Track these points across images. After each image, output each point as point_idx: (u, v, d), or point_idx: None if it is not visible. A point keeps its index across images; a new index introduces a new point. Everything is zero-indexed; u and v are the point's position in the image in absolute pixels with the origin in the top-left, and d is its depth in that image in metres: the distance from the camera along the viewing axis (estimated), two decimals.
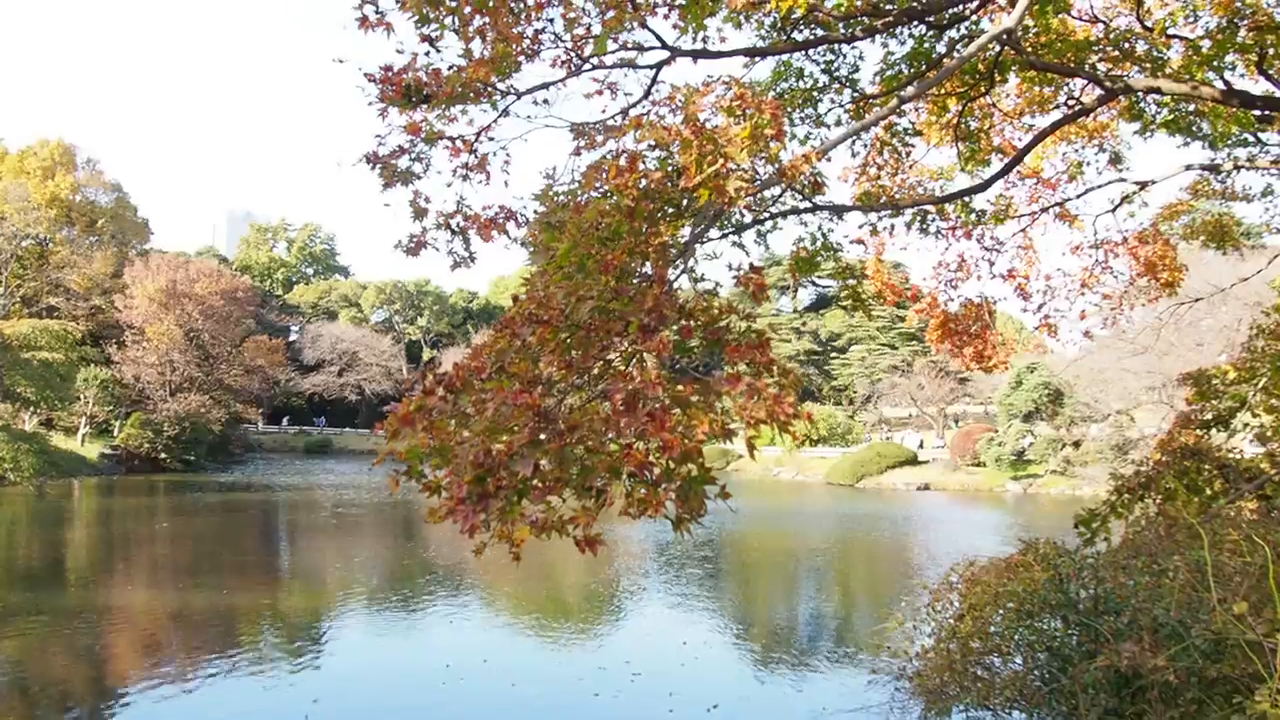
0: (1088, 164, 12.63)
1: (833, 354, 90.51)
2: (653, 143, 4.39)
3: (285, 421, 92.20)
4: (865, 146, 11.40)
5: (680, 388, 3.82)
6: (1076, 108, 10.96)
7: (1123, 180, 12.50)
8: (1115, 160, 12.46)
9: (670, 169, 4.24)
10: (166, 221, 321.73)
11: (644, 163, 4.35)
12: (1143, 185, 12.49)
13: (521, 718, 10.47)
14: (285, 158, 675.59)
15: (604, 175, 4.32)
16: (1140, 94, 10.18)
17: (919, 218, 11.41)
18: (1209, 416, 11.07)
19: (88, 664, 12.95)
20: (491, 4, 5.87)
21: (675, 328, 3.98)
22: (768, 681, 12.59)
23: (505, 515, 3.77)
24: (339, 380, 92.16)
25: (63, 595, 17.78)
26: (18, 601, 16.84)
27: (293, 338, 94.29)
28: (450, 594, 18.00)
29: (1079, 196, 12.78)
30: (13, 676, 12.31)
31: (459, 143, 7.16)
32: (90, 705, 11.26)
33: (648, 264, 4.08)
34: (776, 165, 4.15)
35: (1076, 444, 49.71)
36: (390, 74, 6.33)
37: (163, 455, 55.26)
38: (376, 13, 6.09)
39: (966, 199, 11.11)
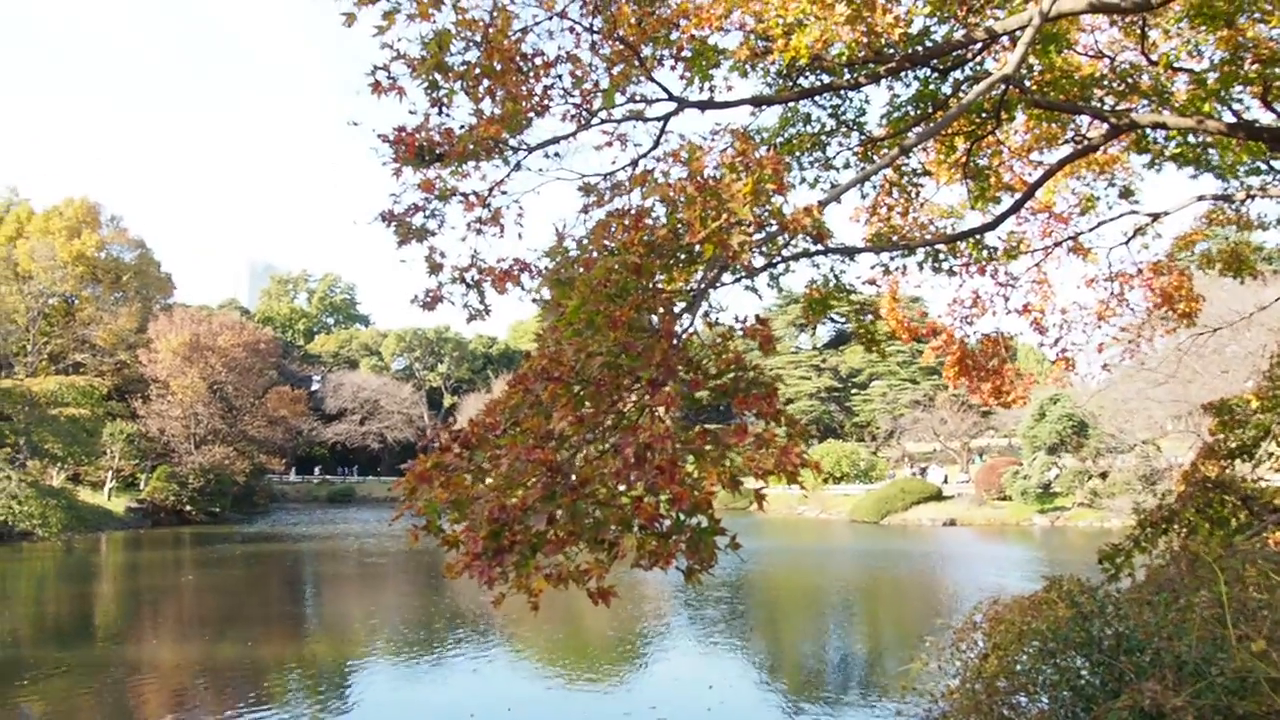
0: (1099, 197, 12.68)
1: (853, 390, 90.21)
2: (658, 198, 4.49)
3: (317, 471, 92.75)
4: (875, 188, 11.49)
5: (692, 437, 3.89)
6: (1084, 143, 11.04)
7: (1135, 212, 12.54)
8: (1126, 193, 12.51)
9: (676, 224, 4.33)
10: (189, 275, 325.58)
11: (650, 218, 4.45)
12: (1155, 217, 12.52)
13: None
14: (305, 210, 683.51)
15: (611, 232, 4.41)
16: (1147, 128, 10.25)
17: (931, 256, 11.48)
18: (1233, 446, 11.01)
19: (117, 717, 13.01)
20: (499, 68, 6.02)
21: (685, 378, 4.06)
22: None
23: (520, 569, 3.84)
24: (361, 429, 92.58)
25: (91, 649, 17.87)
26: (47, 656, 16.94)
27: (314, 387, 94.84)
28: (474, 642, 17.98)
29: (1092, 230, 12.82)
30: None
31: (472, 198, 7.29)
32: None
33: (655, 318, 4.17)
34: (779, 220, 4.24)
35: (1103, 475, 49.25)
36: (403, 135, 6.47)
37: (188, 507, 55.58)
38: (389, 78, 6.25)
39: (978, 236, 11.18)
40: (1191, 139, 10.60)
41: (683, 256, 4.49)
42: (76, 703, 13.58)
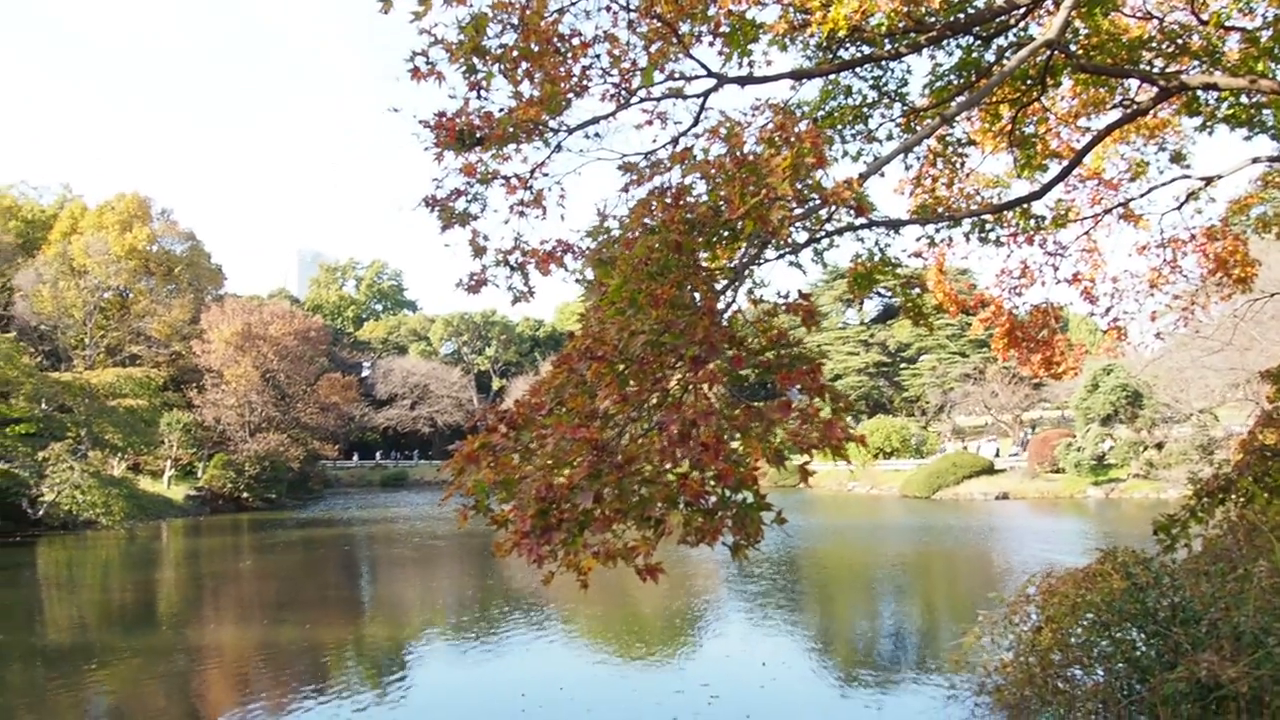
0: (1149, 162, 12.44)
1: (902, 364, 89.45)
2: (698, 176, 4.48)
3: (378, 456, 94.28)
4: (919, 159, 11.37)
5: (736, 413, 3.90)
6: (1133, 107, 10.82)
7: (1187, 177, 12.30)
8: (1177, 157, 12.26)
9: (716, 201, 4.32)
10: (239, 266, 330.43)
11: (690, 196, 4.45)
12: (1208, 181, 12.26)
13: None
14: (351, 198, 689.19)
15: (651, 210, 4.42)
16: (1198, 90, 10.03)
17: (978, 226, 11.35)
18: None
19: (181, 699, 13.32)
20: (536, 50, 6.03)
21: (728, 355, 4.06)
22: (847, 700, 12.49)
23: (568, 546, 3.88)
24: (411, 413, 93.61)
25: (156, 634, 18.28)
26: (113, 641, 17.37)
27: (365, 374, 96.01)
28: (527, 622, 18.16)
29: (1142, 196, 12.59)
30: (111, 712, 12.70)
31: (514, 181, 7.32)
32: None
33: (698, 295, 4.17)
34: (820, 194, 4.21)
35: (1159, 446, 48.51)
36: (444, 120, 6.51)
37: (245, 494, 56.58)
38: (428, 64, 6.29)
39: (1025, 205, 11.02)
40: (1244, 100, 10.35)
41: (724, 234, 4.49)
42: (143, 686, 13.91)
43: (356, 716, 11.83)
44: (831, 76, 9.79)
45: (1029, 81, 10.04)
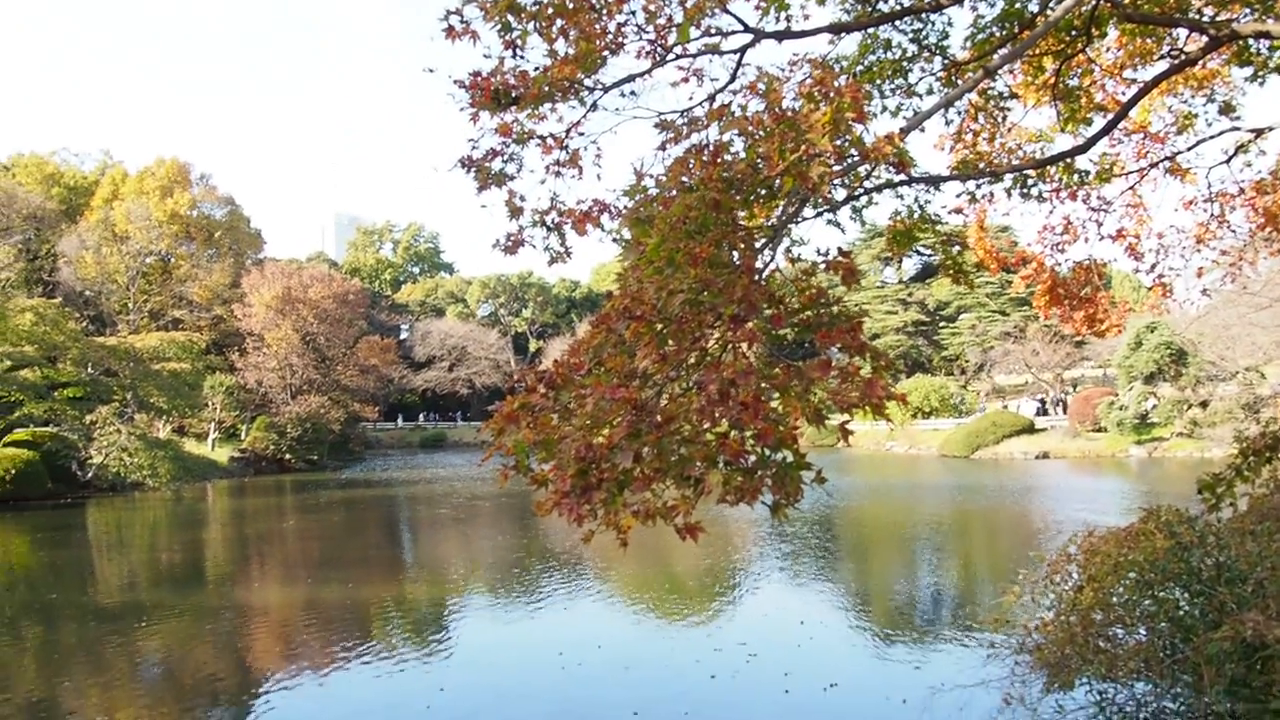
0: (1197, 115, 12.14)
1: (941, 323, 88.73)
2: (736, 132, 4.43)
3: (421, 418, 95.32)
4: (960, 114, 11.18)
5: (776, 372, 3.88)
6: (1181, 58, 10.56)
7: (1236, 129, 12.00)
8: (1227, 109, 11.95)
9: (754, 158, 4.27)
10: (277, 230, 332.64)
11: (727, 153, 4.40)
12: (1259, 133, 11.96)
13: (637, 701, 10.62)
14: (386, 161, 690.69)
15: (689, 169, 4.38)
16: (1249, 39, 9.76)
17: (1020, 182, 11.16)
18: None
19: (230, 655, 13.60)
20: (571, 6, 5.97)
21: (767, 314, 4.03)
22: (885, 659, 12.53)
23: (608, 506, 3.89)
24: (450, 375, 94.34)
25: (203, 592, 18.65)
26: (162, 599, 17.75)
27: (403, 336, 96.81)
28: (565, 580, 18.32)
29: (1190, 149, 12.31)
30: (163, 668, 13.00)
31: (550, 140, 7.29)
32: (235, 693, 11.83)
33: (736, 254, 4.14)
34: (860, 149, 4.15)
35: (1203, 404, 47.88)
36: (479, 80, 6.48)
37: (287, 456, 57.40)
38: (462, 22, 6.25)
39: (1069, 160, 10.81)
40: None
41: (762, 192, 4.44)
42: (192, 643, 14.21)
43: (398, 673, 12.03)
44: (870, 30, 9.64)
45: (1073, 32, 9.83)
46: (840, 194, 6.91)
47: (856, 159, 4.32)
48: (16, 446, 36.88)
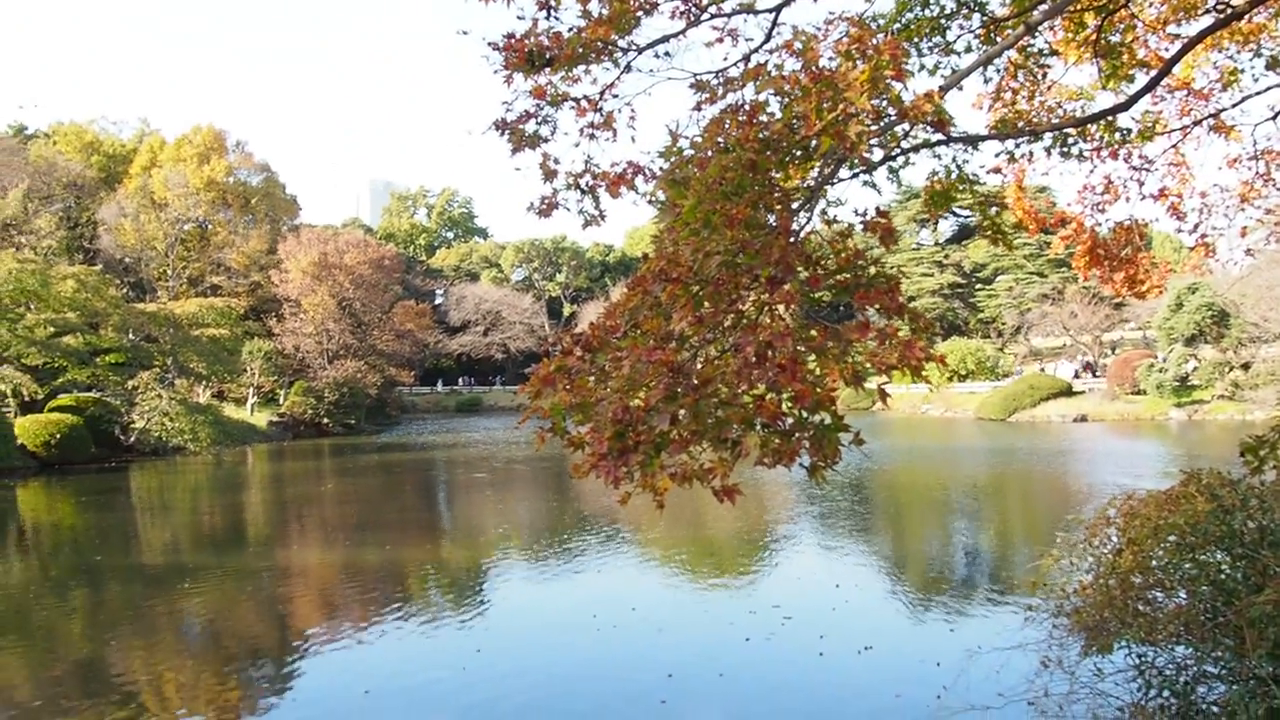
0: (1243, 70, 11.86)
1: (978, 285, 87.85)
2: (772, 92, 4.38)
3: (460, 382, 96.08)
4: (999, 72, 10.99)
5: (813, 334, 3.86)
6: (1227, 11, 10.31)
7: None
8: (1274, 64, 11.66)
9: (791, 118, 4.23)
10: (312, 196, 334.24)
11: (764, 114, 4.35)
12: None
13: (672, 663, 10.69)
14: (421, 126, 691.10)
15: (724, 129, 4.34)
16: None
17: (1059, 141, 10.96)
18: None
19: (271, 616, 13.83)
20: None
21: (803, 276, 4.00)
22: (921, 622, 12.53)
23: (645, 468, 3.90)
24: (485, 340, 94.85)
25: (244, 554, 18.96)
26: (204, 560, 18.06)
27: (438, 301, 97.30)
28: (600, 543, 18.44)
29: (1235, 106, 12.03)
30: (206, 628, 13.25)
31: (584, 103, 7.24)
32: (277, 653, 12.05)
33: (772, 215, 4.10)
34: (898, 108, 4.09)
35: (1245, 366, 47.20)
36: (513, 42, 6.44)
37: (325, 420, 58.03)
38: None
39: (1110, 118, 10.61)
40: None
41: (798, 153, 4.40)
42: (235, 604, 14.47)
43: (435, 634, 12.19)
44: None
45: None
46: (878, 155, 6.83)
47: (895, 118, 4.26)
48: (61, 411, 37.56)
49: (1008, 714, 8.17)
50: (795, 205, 4.35)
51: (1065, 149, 11.10)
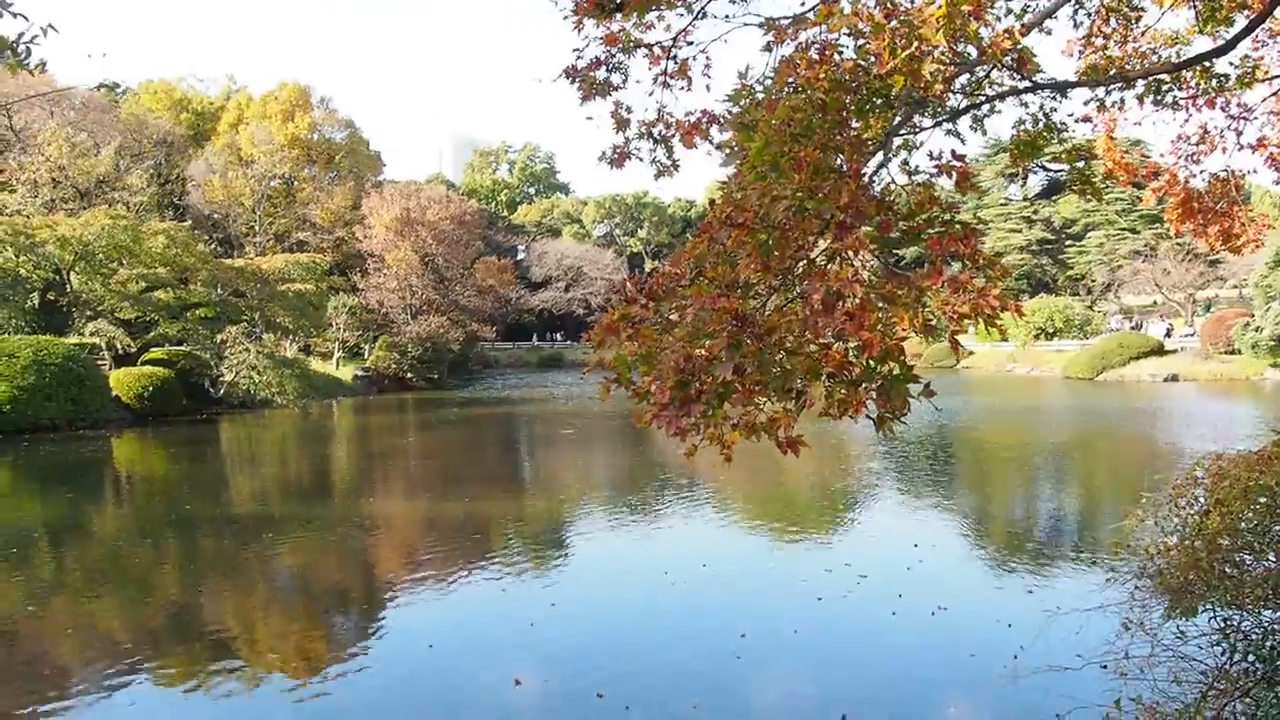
0: None
1: (1068, 241, 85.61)
2: (845, 30, 4.23)
3: (534, 338, 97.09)
4: (1089, 16, 10.55)
5: (884, 282, 3.74)
6: None
7: None
8: None
9: (864, 56, 4.08)
10: (395, 152, 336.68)
11: (836, 53, 4.21)
12: None
13: (744, 622, 10.65)
14: (501, 80, 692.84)
15: (795, 69, 4.21)
16: None
17: (1153, 89, 10.51)
18: None
19: (356, 566, 14.15)
20: None
21: (875, 222, 3.88)
22: (998, 583, 12.32)
23: (708, 418, 3.84)
24: (566, 295, 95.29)
25: (329, 505, 19.41)
26: (292, 511, 18.54)
27: (520, 257, 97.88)
28: (675, 498, 18.47)
29: None
30: (294, 578, 13.61)
31: (657, 50, 7.12)
32: (362, 602, 12.34)
33: (842, 158, 3.98)
34: (976, 46, 3.92)
35: None
36: None
37: (409, 374, 59.06)
38: None
39: (1207, 63, 10.13)
40: None
41: (878, 101, 4.25)
42: (321, 554, 14.82)
43: (515, 586, 12.33)
44: None
45: None
46: (958, 101, 6.60)
47: (974, 58, 4.09)
48: (153, 365, 38.75)
49: (1086, 676, 7.99)
50: (868, 150, 4.21)
51: (1159, 97, 10.65)
